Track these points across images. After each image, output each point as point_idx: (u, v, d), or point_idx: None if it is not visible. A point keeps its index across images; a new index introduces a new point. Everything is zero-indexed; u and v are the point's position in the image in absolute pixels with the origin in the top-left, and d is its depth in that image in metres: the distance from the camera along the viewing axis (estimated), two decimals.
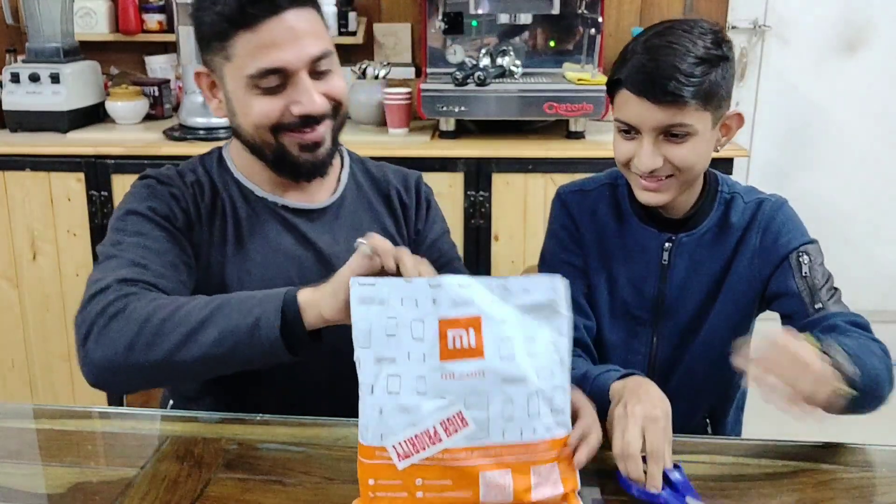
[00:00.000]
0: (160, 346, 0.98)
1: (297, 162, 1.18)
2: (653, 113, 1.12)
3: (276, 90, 1.12)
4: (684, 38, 1.12)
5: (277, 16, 1.09)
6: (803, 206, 2.95)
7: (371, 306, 0.90)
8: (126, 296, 1.03)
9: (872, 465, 1.05)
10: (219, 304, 1.00)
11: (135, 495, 0.97)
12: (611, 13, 2.79)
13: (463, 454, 0.90)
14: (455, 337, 0.91)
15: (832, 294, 1.21)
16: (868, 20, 2.91)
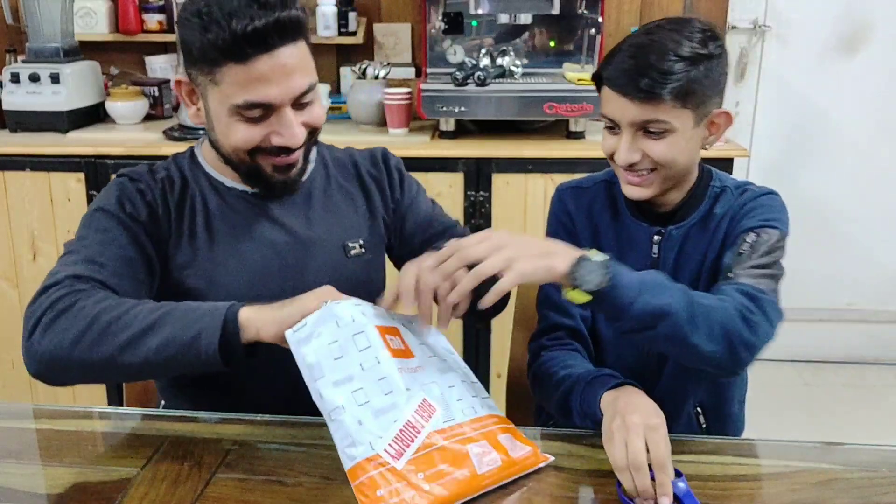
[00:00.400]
0: (105, 345, 1.01)
1: (271, 181, 1.21)
2: (629, 109, 1.16)
3: (258, 120, 1.13)
4: (670, 36, 1.15)
5: (269, 53, 1.09)
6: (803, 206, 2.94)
7: (310, 342, 0.96)
8: (76, 292, 1.06)
9: (872, 465, 1.05)
10: (165, 312, 1.03)
11: (135, 495, 0.97)
12: (611, 13, 2.79)
13: (443, 436, 0.96)
14: (391, 340, 1.00)
15: (756, 272, 1.16)
16: (868, 20, 2.91)
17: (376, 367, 0.96)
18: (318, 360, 0.95)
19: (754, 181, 1.35)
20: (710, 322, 1.05)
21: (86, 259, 1.12)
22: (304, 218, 1.28)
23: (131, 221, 1.18)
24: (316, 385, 0.94)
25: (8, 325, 2.45)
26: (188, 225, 1.23)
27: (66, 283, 1.08)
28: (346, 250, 1.30)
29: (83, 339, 1.02)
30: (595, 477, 1.02)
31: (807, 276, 3.06)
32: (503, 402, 2.19)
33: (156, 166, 1.27)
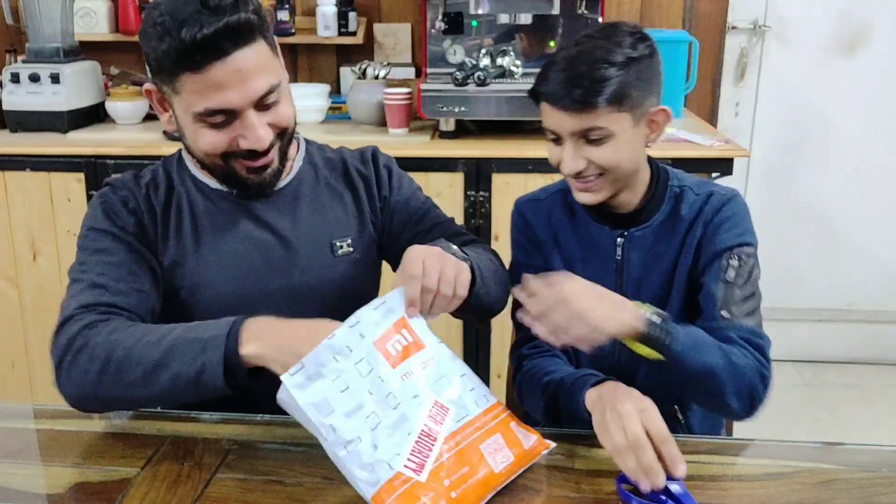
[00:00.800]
0: (121, 384, 1.04)
1: (246, 183, 1.21)
2: (567, 120, 1.18)
3: (222, 125, 1.13)
4: (599, 45, 1.18)
5: (222, 59, 1.07)
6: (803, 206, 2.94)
7: (312, 384, 0.94)
8: (88, 326, 1.08)
9: (872, 465, 1.05)
10: (168, 346, 1.03)
11: (135, 495, 0.97)
12: (611, 13, 2.79)
13: (458, 437, 0.96)
14: (392, 344, 0.99)
15: (748, 305, 1.20)
16: (868, 20, 2.91)
17: (382, 387, 0.96)
18: (325, 397, 0.93)
19: (754, 181, 1.36)
20: (740, 382, 1.12)
21: (91, 285, 1.15)
22: (291, 217, 1.28)
23: (123, 233, 1.20)
24: (326, 421, 0.92)
25: (8, 325, 2.45)
26: (175, 226, 1.24)
27: (76, 317, 1.10)
28: (333, 249, 1.30)
29: (101, 380, 1.04)
30: (595, 477, 1.02)
31: (807, 276, 3.06)
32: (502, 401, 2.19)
33: (142, 172, 1.28)
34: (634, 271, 1.29)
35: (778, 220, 3.05)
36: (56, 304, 1.18)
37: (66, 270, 1.20)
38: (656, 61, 1.21)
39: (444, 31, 2.55)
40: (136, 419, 1.17)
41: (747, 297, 1.20)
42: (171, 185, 1.27)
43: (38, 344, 2.45)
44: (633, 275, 1.30)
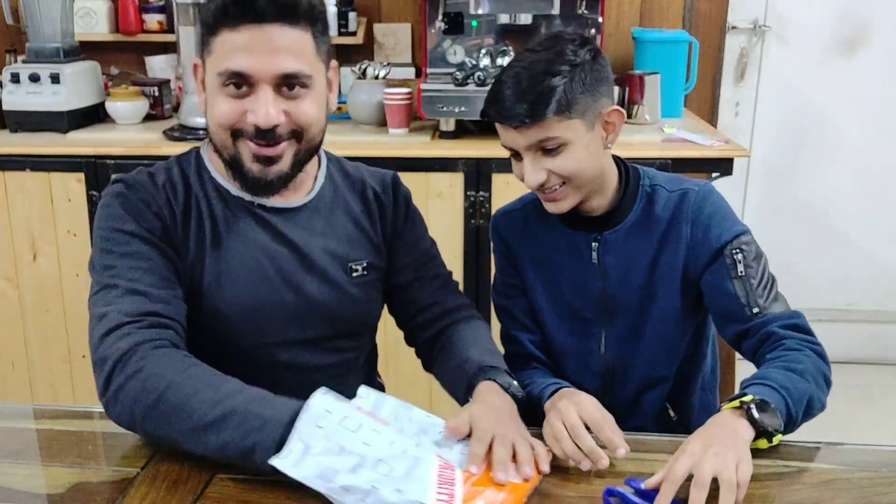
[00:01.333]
0: (169, 429, 1.01)
1: (248, 174, 1.18)
2: (519, 136, 1.20)
3: (238, 94, 1.13)
4: (539, 57, 1.19)
5: (260, 25, 1.09)
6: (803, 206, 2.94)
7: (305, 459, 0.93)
8: (140, 345, 1.05)
9: (872, 465, 1.05)
10: (225, 412, 0.99)
11: (135, 495, 0.97)
12: (611, 13, 2.79)
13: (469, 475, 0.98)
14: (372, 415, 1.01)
15: (769, 290, 1.22)
16: (868, 20, 2.91)
17: (379, 437, 0.96)
18: (324, 465, 0.92)
19: (754, 181, 1.37)
20: (819, 382, 1.13)
21: (129, 291, 1.10)
22: (309, 233, 1.26)
23: (151, 235, 1.16)
24: (334, 485, 0.91)
25: (8, 325, 2.45)
26: (195, 229, 1.21)
27: (126, 327, 1.06)
28: (348, 270, 1.28)
29: (150, 416, 1.02)
30: (595, 477, 1.02)
31: (807, 276, 3.06)
32: None
33: (154, 170, 1.24)
34: (613, 274, 1.30)
35: (778, 220, 3.05)
36: (56, 305, 1.18)
37: (67, 270, 1.19)
38: (600, 64, 1.21)
39: (444, 31, 2.55)
40: None
41: (766, 285, 1.22)
42: (189, 187, 1.23)
43: (38, 344, 2.45)
44: (613, 278, 1.30)
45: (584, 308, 1.33)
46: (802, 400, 1.07)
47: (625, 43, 2.78)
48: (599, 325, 1.33)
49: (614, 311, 1.32)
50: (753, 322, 1.20)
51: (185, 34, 2.35)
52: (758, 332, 1.19)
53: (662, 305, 1.29)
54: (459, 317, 1.33)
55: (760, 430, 1.01)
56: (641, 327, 1.31)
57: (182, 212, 1.21)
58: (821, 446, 1.10)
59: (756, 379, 1.09)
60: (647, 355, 1.33)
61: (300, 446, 0.93)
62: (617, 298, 1.31)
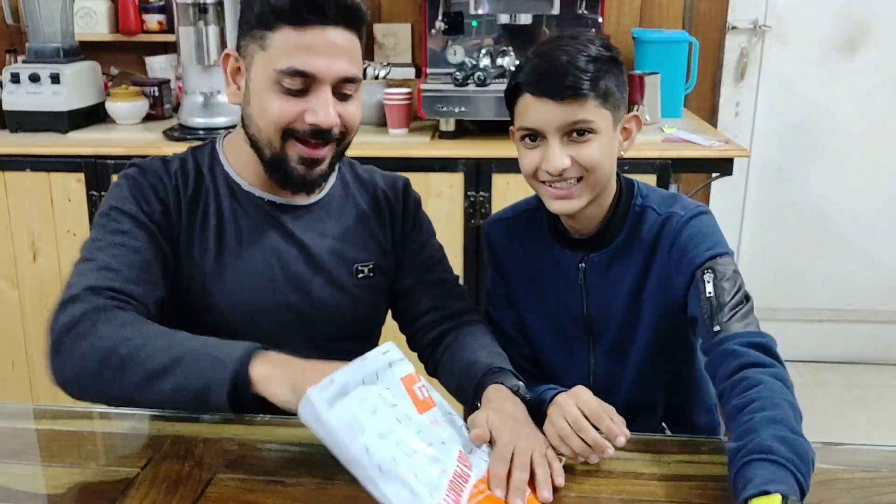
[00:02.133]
0: (120, 382, 1.03)
1: (292, 173, 1.19)
2: (555, 112, 1.15)
3: (296, 94, 1.13)
4: (574, 44, 1.16)
5: (324, 27, 1.12)
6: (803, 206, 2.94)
7: (342, 400, 0.90)
8: (95, 311, 1.06)
9: (872, 465, 1.05)
10: (178, 355, 1.02)
11: (135, 495, 0.97)
12: (611, 13, 2.79)
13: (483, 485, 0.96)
14: (418, 388, 0.99)
15: (736, 311, 1.13)
16: (868, 20, 2.91)
17: (410, 421, 0.95)
18: (355, 416, 0.88)
19: (754, 181, 1.36)
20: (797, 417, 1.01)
21: (101, 266, 1.12)
22: (317, 233, 1.27)
23: (148, 220, 1.17)
24: (359, 440, 0.87)
25: (8, 325, 2.45)
26: (200, 223, 1.22)
27: (83, 298, 1.07)
28: (354, 272, 1.29)
29: (102, 372, 1.03)
30: (597, 477, 1.02)
31: (807, 276, 3.07)
32: None
33: (169, 158, 1.25)
34: (597, 296, 1.28)
35: (778, 220, 3.06)
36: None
37: (67, 270, 1.19)
38: (624, 71, 1.20)
39: (444, 31, 2.55)
40: (136, 419, 1.17)
41: (735, 305, 1.13)
42: (201, 178, 1.23)
43: (38, 344, 2.45)
44: (596, 299, 1.28)
45: (569, 325, 1.32)
46: (806, 463, 0.94)
47: (625, 43, 2.78)
48: (585, 343, 1.32)
49: (597, 332, 1.30)
50: (714, 339, 1.12)
51: (185, 34, 2.35)
52: (716, 349, 1.11)
53: (646, 329, 1.26)
54: (462, 321, 1.32)
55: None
56: (626, 349, 1.29)
57: (189, 202, 1.21)
58: (820, 446, 1.10)
59: (758, 453, 0.95)
60: (633, 377, 1.30)
61: (340, 388, 0.89)
62: (599, 320, 1.29)
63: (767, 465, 0.94)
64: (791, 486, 0.92)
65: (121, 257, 1.13)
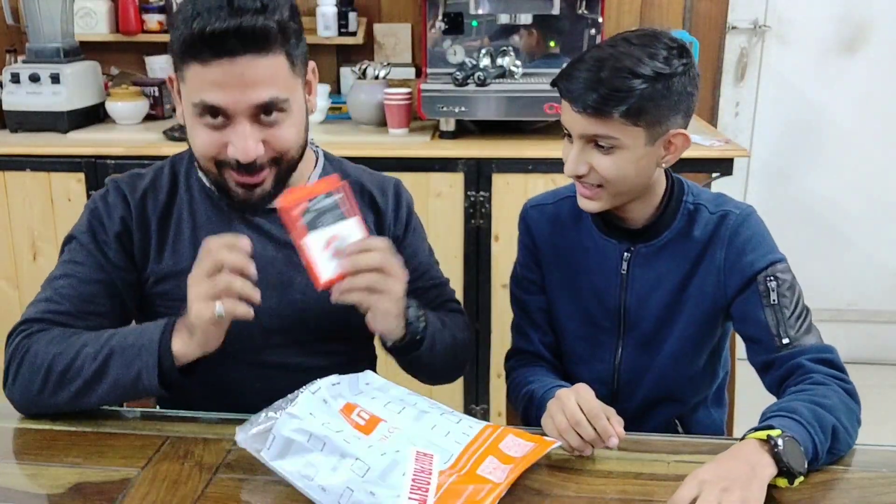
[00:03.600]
0: (63, 392, 1.10)
1: (235, 197, 1.18)
2: (578, 121, 1.15)
3: (217, 127, 1.11)
4: (632, 52, 1.12)
5: (230, 59, 1.05)
6: (803, 207, 2.93)
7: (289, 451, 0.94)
8: (28, 336, 1.14)
9: (872, 465, 1.05)
10: (106, 355, 1.09)
11: (135, 495, 0.97)
12: (611, 13, 2.79)
13: (451, 472, 0.96)
14: (357, 416, 1.00)
15: (802, 321, 1.17)
16: (868, 20, 2.91)
17: (359, 441, 0.95)
18: (308, 461, 0.93)
19: (754, 181, 1.36)
20: (851, 418, 1.08)
21: (47, 298, 1.19)
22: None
23: (98, 248, 1.21)
24: (314, 483, 0.92)
25: (8, 325, 2.44)
26: (173, 235, 1.22)
27: (22, 329, 1.16)
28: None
29: (44, 389, 1.11)
30: (597, 477, 1.02)
31: (808, 276, 3.04)
32: (502, 402, 2.19)
33: (143, 172, 1.26)
34: (638, 288, 1.27)
35: (778, 220, 3.03)
36: None
37: None
38: (688, 81, 1.14)
39: (444, 31, 2.55)
40: (136, 419, 1.17)
41: (799, 315, 1.16)
42: (175, 189, 1.24)
43: None
44: (637, 291, 1.27)
45: (600, 316, 1.31)
46: (827, 437, 1.01)
47: None
48: (615, 335, 1.31)
49: (631, 324, 1.30)
50: (782, 353, 1.15)
51: None
52: (785, 363, 1.14)
53: (684, 326, 1.26)
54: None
55: (783, 470, 0.95)
56: (658, 344, 1.29)
57: (160, 216, 1.23)
58: None
59: (782, 411, 1.03)
60: (659, 372, 1.30)
61: (280, 441, 0.94)
62: (635, 312, 1.28)
63: (786, 420, 1.01)
64: (804, 440, 0.98)
65: (68, 288, 1.19)
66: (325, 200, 1.06)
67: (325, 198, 1.06)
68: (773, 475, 0.95)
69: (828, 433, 1.01)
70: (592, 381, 1.31)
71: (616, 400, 1.33)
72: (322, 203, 1.05)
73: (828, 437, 1.01)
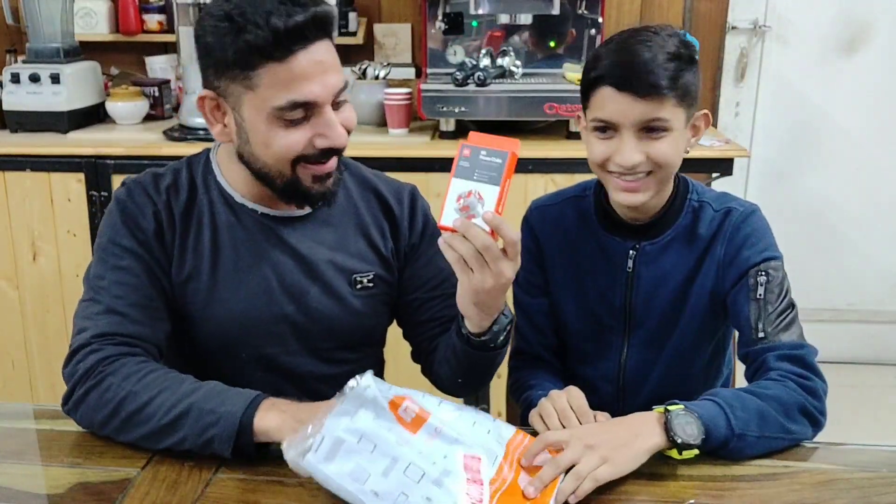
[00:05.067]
0: (128, 433, 1.06)
1: (309, 192, 1.17)
2: (634, 107, 1.14)
3: (299, 122, 1.10)
4: (655, 38, 1.15)
5: (306, 48, 1.07)
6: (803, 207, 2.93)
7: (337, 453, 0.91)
8: (104, 362, 1.09)
9: (872, 465, 1.05)
10: (181, 411, 1.03)
11: (135, 495, 0.97)
12: (611, 13, 2.79)
13: (498, 480, 0.96)
14: (404, 411, 0.97)
15: (782, 319, 1.18)
16: (868, 20, 2.91)
17: (410, 445, 0.94)
18: (357, 463, 0.90)
19: (754, 181, 1.36)
20: (788, 410, 1.08)
21: (108, 310, 1.13)
22: (314, 242, 1.24)
23: (143, 249, 1.17)
24: (366, 487, 0.89)
25: (8, 325, 2.45)
26: (193, 238, 1.20)
27: (94, 347, 1.11)
28: (353, 283, 1.25)
29: (109, 423, 1.07)
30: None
31: (807, 276, 3.06)
32: (503, 402, 2.19)
33: (162, 172, 1.23)
34: (644, 285, 1.28)
35: (778, 219, 3.03)
36: (56, 305, 1.19)
37: (67, 270, 1.20)
38: (699, 67, 1.20)
39: (444, 31, 2.55)
40: None
41: (781, 312, 1.18)
42: (194, 191, 1.22)
43: (39, 344, 2.45)
44: (643, 288, 1.28)
45: (606, 315, 1.31)
46: (752, 418, 1.04)
47: None
48: (621, 333, 1.32)
49: (637, 322, 1.30)
50: (755, 347, 1.17)
51: (186, 34, 2.35)
52: (756, 357, 1.17)
53: (687, 321, 1.28)
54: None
55: (673, 441, 1.01)
56: (663, 341, 1.30)
57: (182, 216, 1.20)
58: (820, 446, 1.10)
59: (706, 395, 1.08)
60: (664, 369, 1.31)
61: (329, 441, 0.91)
62: (641, 309, 1.29)
63: (704, 400, 1.06)
64: (712, 416, 1.03)
65: (125, 297, 1.14)
66: (492, 157, 1.03)
67: (493, 154, 1.03)
68: (660, 445, 1.01)
69: (751, 414, 1.05)
70: (598, 380, 1.33)
71: (622, 398, 1.34)
72: (489, 158, 1.03)
73: (752, 417, 1.04)
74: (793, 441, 1.08)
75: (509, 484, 0.96)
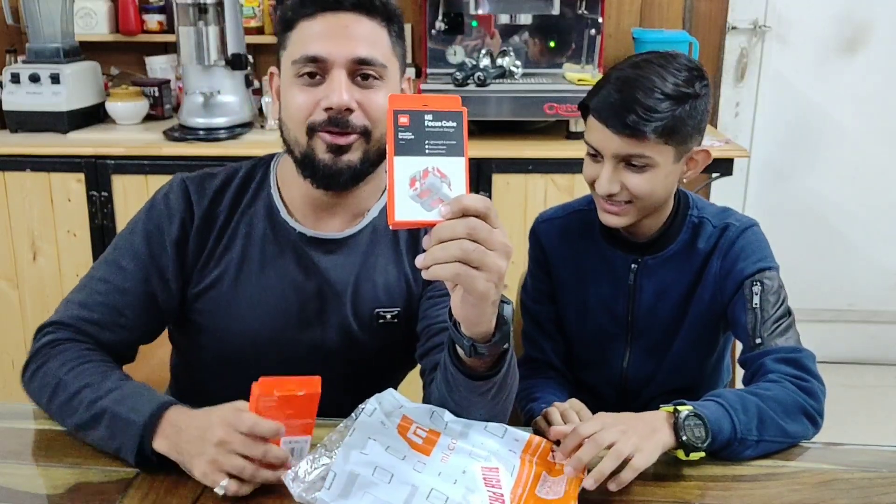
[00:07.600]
0: (63, 421, 1.10)
1: (319, 165, 1.14)
2: (613, 142, 1.17)
3: (313, 84, 1.12)
4: (656, 73, 1.16)
5: (336, 13, 1.12)
6: (803, 207, 2.93)
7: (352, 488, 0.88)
8: (51, 344, 1.13)
9: (872, 465, 1.05)
10: (97, 412, 1.04)
11: (135, 496, 0.97)
12: (611, 13, 2.79)
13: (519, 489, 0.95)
14: (413, 435, 0.97)
15: (778, 325, 1.20)
16: (868, 20, 2.91)
17: (427, 467, 0.93)
18: (375, 496, 0.88)
19: (754, 181, 1.38)
20: (789, 414, 1.09)
21: (81, 302, 1.17)
22: (343, 270, 1.20)
23: (151, 256, 1.17)
24: None
25: (8, 325, 2.45)
26: (226, 242, 1.20)
27: (50, 330, 1.15)
28: (376, 318, 1.22)
29: (49, 408, 1.12)
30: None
31: (807, 276, 3.06)
32: None
33: (216, 172, 1.23)
34: (645, 298, 1.30)
35: (778, 220, 3.05)
36: (56, 305, 1.19)
37: (67, 270, 1.21)
38: (707, 101, 1.21)
39: (444, 31, 2.55)
40: None
41: (777, 319, 1.20)
42: (241, 196, 1.21)
43: None
44: (644, 301, 1.31)
45: (609, 325, 1.34)
46: (752, 420, 1.05)
47: (625, 43, 2.78)
48: (623, 342, 1.35)
49: (638, 332, 1.33)
50: (753, 353, 1.19)
51: (185, 34, 2.35)
52: (754, 362, 1.19)
53: (688, 332, 1.30)
54: None
55: (681, 441, 1.01)
56: (664, 349, 1.33)
57: (223, 222, 1.20)
58: (820, 446, 1.11)
59: (710, 396, 1.09)
60: (666, 374, 1.34)
61: (343, 477, 0.88)
62: (643, 320, 1.32)
63: (709, 401, 1.07)
64: (718, 418, 1.03)
65: (103, 295, 1.16)
66: (442, 121, 0.83)
67: (442, 116, 0.83)
68: (670, 445, 1.02)
69: (752, 416, 1.05)
70: (601, 385, 1.37)
71: (624, 400, 1.37)
72: (438, 123, 0.83)
73: (752, 419, 1.05)
74: (790, 443, 1.09)
75: (528, 493, 0.96)
